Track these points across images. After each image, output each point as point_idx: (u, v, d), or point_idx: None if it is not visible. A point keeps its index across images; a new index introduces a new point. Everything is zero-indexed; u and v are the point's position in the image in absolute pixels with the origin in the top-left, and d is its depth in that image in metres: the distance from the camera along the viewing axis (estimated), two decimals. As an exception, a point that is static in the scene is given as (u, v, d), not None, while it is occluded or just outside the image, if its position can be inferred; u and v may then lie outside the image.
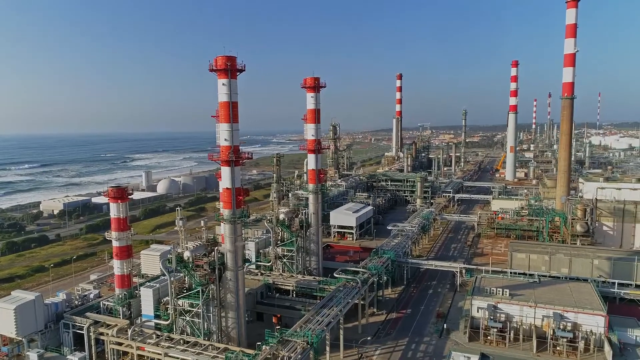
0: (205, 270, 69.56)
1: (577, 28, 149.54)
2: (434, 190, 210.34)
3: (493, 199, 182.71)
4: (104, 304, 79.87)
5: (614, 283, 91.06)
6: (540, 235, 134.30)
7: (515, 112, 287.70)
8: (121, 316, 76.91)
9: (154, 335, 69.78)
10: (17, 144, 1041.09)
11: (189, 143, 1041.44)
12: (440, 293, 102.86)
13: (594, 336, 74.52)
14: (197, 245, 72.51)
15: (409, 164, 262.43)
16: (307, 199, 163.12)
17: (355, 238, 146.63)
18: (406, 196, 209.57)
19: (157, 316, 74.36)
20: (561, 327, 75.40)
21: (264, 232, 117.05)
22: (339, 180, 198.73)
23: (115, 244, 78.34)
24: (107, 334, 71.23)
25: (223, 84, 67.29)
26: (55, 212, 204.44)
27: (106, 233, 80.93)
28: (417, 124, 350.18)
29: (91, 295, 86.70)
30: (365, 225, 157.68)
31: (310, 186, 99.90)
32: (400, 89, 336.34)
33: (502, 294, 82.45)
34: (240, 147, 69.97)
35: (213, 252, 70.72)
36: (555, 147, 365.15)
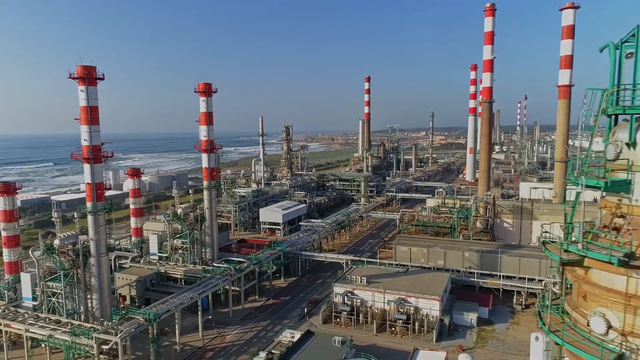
0: (70, 256, 77.80)
1: (495, 35, 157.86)
2: (380, 190, 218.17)
3: (428, 198, 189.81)
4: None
5: (474, 273, 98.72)
6: (453, 231, 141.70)
7: (475, 114, 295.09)
8: (7, 299, 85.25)
9: (26, 315, 78.00)
10: (22, 143, 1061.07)
11: (192, 143, 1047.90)
12: (328, 283, 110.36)
13: (429, 318, 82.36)
14: (69, 234, 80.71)
15: (369, 164, 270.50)
16: (242, 197, 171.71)
17: (283, 234, 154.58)
18: (353, 195, 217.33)
19: (35, 298, 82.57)
20: (403, 310, 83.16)
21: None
22: (284, 179, 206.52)
23: (3, 234, 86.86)
24: (-17, 313, 79.45)
25: (82, 90, 75.24)
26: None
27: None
28: (387, 125, 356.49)
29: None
30: (297, 222, 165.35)
31: (205, 183, 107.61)
32: (368, 91, 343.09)
33: (360, 282, 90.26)
34: (102, 147, 78.10)
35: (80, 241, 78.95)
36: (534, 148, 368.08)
